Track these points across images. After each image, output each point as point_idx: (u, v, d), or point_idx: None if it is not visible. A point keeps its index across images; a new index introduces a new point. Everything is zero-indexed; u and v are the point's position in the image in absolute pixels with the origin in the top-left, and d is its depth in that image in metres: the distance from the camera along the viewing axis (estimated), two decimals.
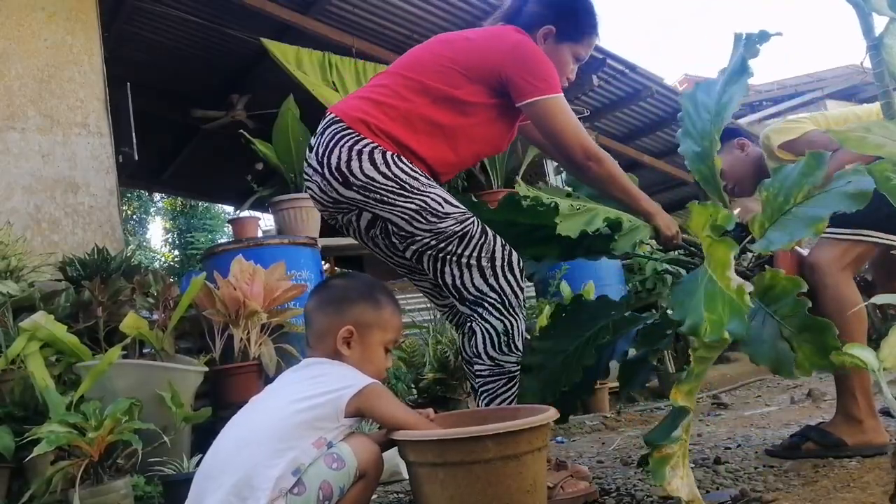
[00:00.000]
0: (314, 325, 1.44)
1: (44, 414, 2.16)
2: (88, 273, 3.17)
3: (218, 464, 1.26)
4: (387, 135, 1.73)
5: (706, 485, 1.67)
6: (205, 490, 1.24)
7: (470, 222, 1.74)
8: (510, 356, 1.74)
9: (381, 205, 1.71)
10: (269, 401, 1.36)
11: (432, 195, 1.72)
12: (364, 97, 1.81)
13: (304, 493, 1.21)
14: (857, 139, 1.07)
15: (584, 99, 6.18)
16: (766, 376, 4.51)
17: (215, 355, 2.99)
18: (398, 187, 1.70)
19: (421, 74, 1.80)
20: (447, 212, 1.72)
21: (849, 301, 1.94)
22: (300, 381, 1.37)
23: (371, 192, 1.70)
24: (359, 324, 1.41)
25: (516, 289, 1.76)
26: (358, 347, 1.40)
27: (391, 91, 1.79)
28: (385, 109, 1.76)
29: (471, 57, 1.80)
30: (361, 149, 1.70)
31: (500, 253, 1.75)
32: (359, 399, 1.30)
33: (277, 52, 4.69)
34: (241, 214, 5.63)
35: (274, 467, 1.20)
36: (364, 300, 1.44)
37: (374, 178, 1.69)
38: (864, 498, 1.43)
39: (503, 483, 1.26)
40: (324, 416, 1.28)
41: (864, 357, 1.37)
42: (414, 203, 1.70)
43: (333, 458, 1.26)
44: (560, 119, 1.77)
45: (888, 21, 1.20)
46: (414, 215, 1.71)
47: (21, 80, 3.80)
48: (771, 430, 2.44)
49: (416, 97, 1.77)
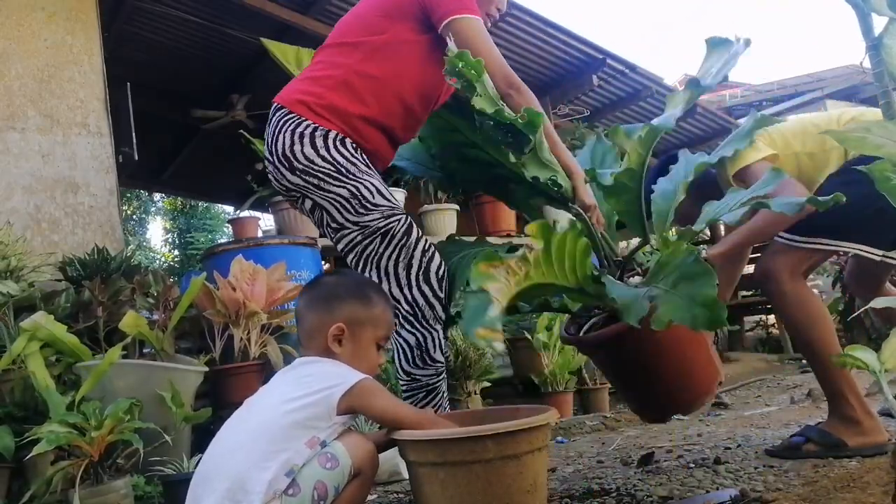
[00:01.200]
0: (305, 323, 1.44)
1: (44, 414, 2.16)
2: (88, 273, 3.17)
3: (212, 468, 1.26)
4: (329, 109, 1.74)
5: (706, 485, 1.67)
6: (200, 495, 1.24)
7: (395, 219, 1.72)
8: (426, 370, 1.74)
9: (318, 190, 1.72)
10: (261, 402, 1.35)
11: (366, 182, 1.72)
12: (302, 79, 1.85)
13: (299, 494, 1.21)
14: (856, 139, 1.07)
15: (584, 99, 6.18)
16: (765, 376, 4.51)
17: (215, 355, 2.99)
18: (334, 170, 1.70)
19: (348, 36, 1.83)
20: (376, 203, 1.71)
21: (813, 305, 1.95)
22: (291, 381, 1.36)
23: (310, 176, 1.71)
24: (350, 321, 1.40)
25: (432, 299, 1.74)
26: (350, 345, 1.39)
27: (326, 63, 1.82)
28: (323, 82, 1.78)
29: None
30: (303, 131, 1.72)
31: (418, 259, 1.73)
32: (350, 396, 1.29)
33: (277, 52, 4.67)
34: (241, 214, 5.62)
35: (266, 470, 1.20)
36: (354, 297, 1.43)
37: (313, 160, 1.70)
38: (864, 498, 1.43)
39: (503, 483, 1.26)
40: (315, 415, 1.27)
41: (865, 359, 1.37)
42: (347, 189, 1.70)
43: (327, 458, 1.25)
44: (480, 40, 1.74)
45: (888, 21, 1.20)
46: (344, 203, 1.70)
47: (21, 80, 3.80)
48: (771, 430, 2.44)
49: (348, 58, 1.79)
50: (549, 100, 5.86)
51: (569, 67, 5.69)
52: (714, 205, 1.65)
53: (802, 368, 4.71)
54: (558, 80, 5.84)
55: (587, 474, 2.04)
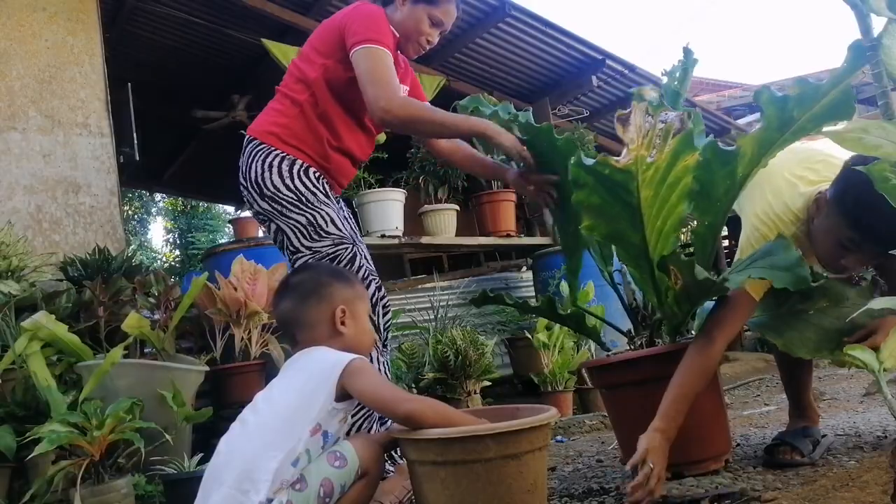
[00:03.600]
0: (302, 319, 1.47)
1: (45, 413, 2.17)
2: (90, 273, 3.18)
3: (221, 462, 1.28)
4: (295, 139, 1.92)
5: (705, 484, 1.67)
6: (209, 490, 1.26)
7: (343, 248, 1.88)
8: None
9: (281, 216, 1.89)
10: (266, 396, 1.38)
11: (323, 212, 1.88)
12: (269, 110, 2.01)
13: (306, 490, 1.22)
14: (853, 140, 1.08)
15: (583, 100, 6.18)
16: (765, 375, 4.52)
17: (216, 355, 3.00)
18: (296, 199, 1.87)
19: (296, 69, 2.01)
20: (329, 231, 1.87)
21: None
22: (291, 374, 1.40)
23: (276, 203, 1.88)
24: (346, 301, 1.48)
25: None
26: (352, 323, 1.47)
27: (288, 95, 1.98)
28: (286, 114, 1.95)
29: (321, 32, 2.01)
30: (272, 161, 1.90)
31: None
32: (343, 377, 1.32)
33: (278, 52, 4.69)
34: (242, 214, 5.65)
35: (272, 459, 1.22)
36: (338, 281, 1.51)
37: (279, 188, 1.88)
38: (862, 497, 1.43)
39: (504, 482, 1.27)
40: (316, 401, 1.30)
41: (865, 359, 1.38)
42: (305, 216, 1.87)
43: (336, 457, 1.27)
44: (372, 67, 1.83)
45: (886, 22, 1.20)
46: (301, 229, 1.87)
47: (22, 80, 3.81)
48: (770, 429, 2.44)
49: (301, 95, 1.95)
50: (548, 100, 5.87)
51: (568, 68, 5.69)
52: None
53: None
54: (558, 81, 5.84)
55: (587, 473, 2.04)
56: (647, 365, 1.75)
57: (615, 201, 1.61)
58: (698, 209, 1.72)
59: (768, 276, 1.47)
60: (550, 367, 3.86)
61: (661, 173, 1.55)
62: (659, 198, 1.60)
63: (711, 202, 1.70)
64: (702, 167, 1.61)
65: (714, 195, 1.68)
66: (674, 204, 1.62)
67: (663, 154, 1.51)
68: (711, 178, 1.64)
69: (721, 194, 1.67)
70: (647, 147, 1.50)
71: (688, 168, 1.55)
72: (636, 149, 1.50)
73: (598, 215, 1.65)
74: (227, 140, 6.31)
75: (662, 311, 1.80)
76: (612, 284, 2.00)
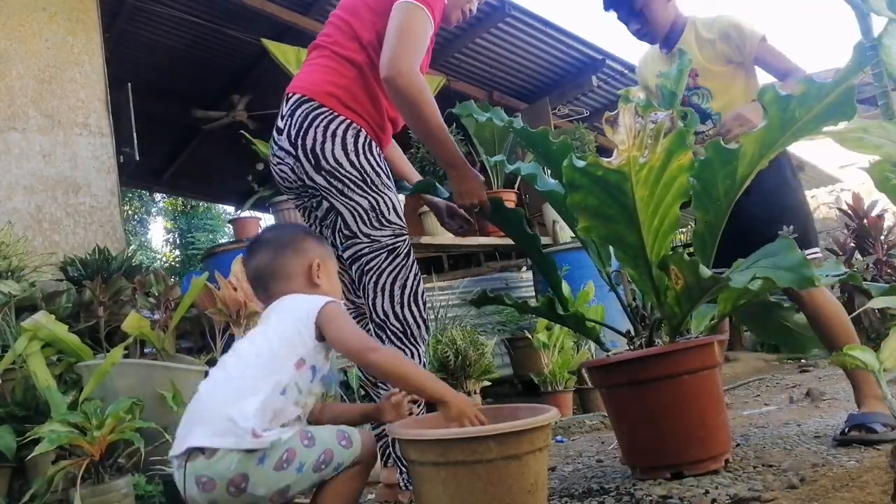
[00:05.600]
0: (279, 271, 1.48)
1: (45, 413, 2.17)
2: (89, 273, 3.18)
3: (203, 398, 1.30)
4: (358, 104, 1.75)
5: (705, 484, 1.67)
6: (194, 423, 1.25)
7: (402, 240, 1.79)
8: None
9: (340, 195, 1.73)
10: (249, 340, 1.41)
11: (386, 197, 1.76)
12: (321, 66, 1.80)
13: (311, 448, 1.27)
14: (854, 140, 1.08)
15: (583, 100, 6.18)
16: (765, 375, 4.52)
17: (216, 355, 3.00)
18: (360, 179, 1.73)
19: (345, 24, 1.82)
20: (390, 220, 1.76)
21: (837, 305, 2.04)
22: (273, 319, 1.43)
23: (335, 180, 1.73)
24: (321, 257, 1.51)
25: (419, 319, 1.81)
26: (325, 277, 1.51)
27: (334, 52, 1.79)
28: (345, 75, 1.76)
29: None
30: (336, 129, 1.72)
31: (411, 282, 1.80)
32: (319, 316, 1.36)
33: (278, 52, 4.69)
34: (242, 214, 5.63)
35: (259, 391, 1.25)
36: (311, 238, 1.54)
37: (341, 163, 1.71)
38: (862, 497, 1.43)
39: (505, 483, 1.27)
40: (297, 340, 1.34)
41: (865, 358, 1.38)
42: (368, 199, 1.73)
43: (344, 437, 1.33)
44: (410, 25, 1.68)
45: (887, 22, 1.21)
46: (362, 213, 1.73)
47: (22, 80, 3.81)
48: (770, 429, 2.44)
49: (359, 54, 1.78)
50: (548, 100, 5.87)
51: (568, 68, 5.70)
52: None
53: (801, 368, 4.72)
54: (558, 81, 5.85)
55: (587, 473, 2.04)
56: (647, 365, 1.75)
57: (611, 202, 1.61)
58: (699, 208, 1.73)
59: (772, 276, 1.47)
60: (550, 367, 3.86)
61: (655, 173, 1.55)
62: (654, 198, 1.60)
63: (712, 201, 1.71)
64: (702, 166, 1.61)
65: (714, 194, 1.69)
66: (669, 203, 1.63)
67: (656, 154, 1.51)
68: (712, 178, 1.65)
69: (721, 194, 1.68)
70: (638, 147, 1.50)
71: (682, 167, 1.56)
72: (628, 150, 1.50)
73: (595, 217, 1.65)
74: (226, 140, 6.33)
75: (661, 310, 1.80)
76: (610, 285, 2.00)
